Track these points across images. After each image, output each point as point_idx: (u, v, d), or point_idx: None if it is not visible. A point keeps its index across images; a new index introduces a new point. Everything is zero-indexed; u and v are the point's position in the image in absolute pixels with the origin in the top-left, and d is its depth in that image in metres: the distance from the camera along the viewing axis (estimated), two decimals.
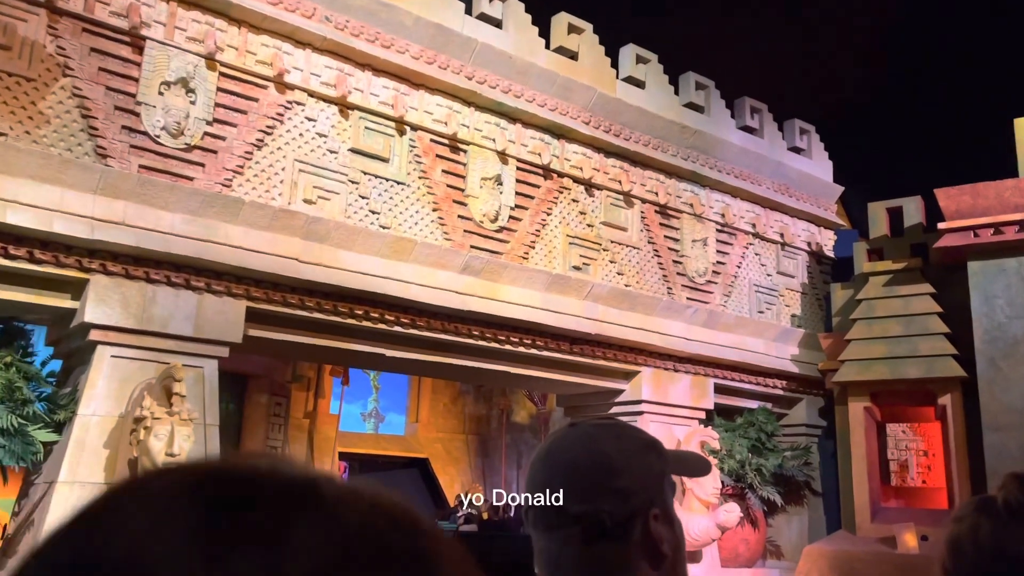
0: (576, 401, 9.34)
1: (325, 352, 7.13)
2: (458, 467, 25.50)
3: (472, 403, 26.42)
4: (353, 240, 6.77)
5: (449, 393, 26.23)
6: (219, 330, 6.22)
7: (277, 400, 20.85)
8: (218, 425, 6.24)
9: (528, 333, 7.81)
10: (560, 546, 1.07)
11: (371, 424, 25.97)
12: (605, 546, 1.05)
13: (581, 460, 1.09)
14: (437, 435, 25.85)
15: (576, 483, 1.08)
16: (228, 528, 0.35)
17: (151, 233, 5.86)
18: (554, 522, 1.07)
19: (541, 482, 1.09)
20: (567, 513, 1.06)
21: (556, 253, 8.27)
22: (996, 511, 1.28)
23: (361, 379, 25.26)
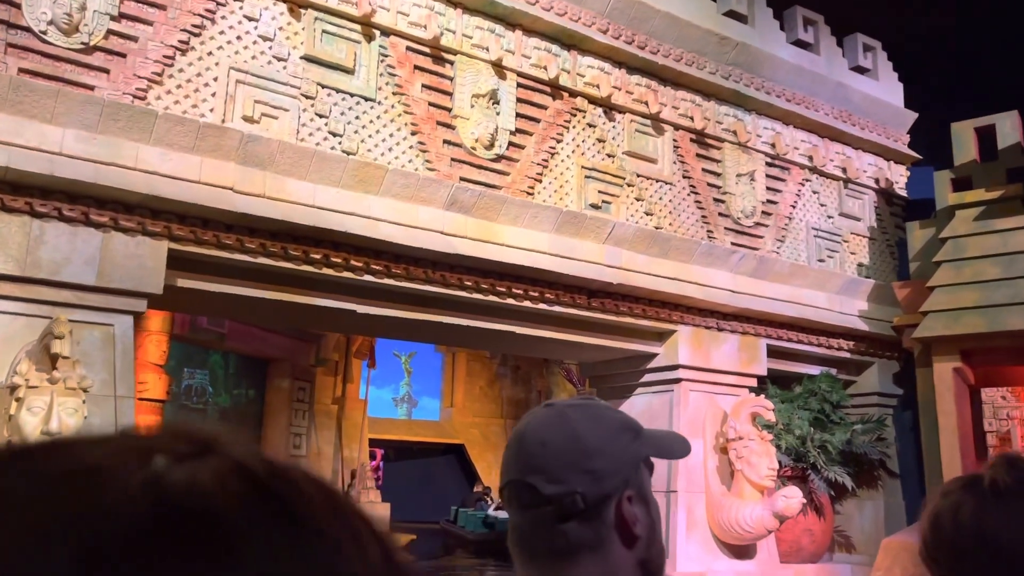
0: (602, 369, 7.89)
1: (277, 309, 5.80)
2: (496, 453, 24.21)
3: (510, 386, 25.09)
4: (304, 166, 5.42)
5: (485, 376, 24.94)
6: (132, 278, 4.93)
7: (300, 385, 19.80)
8: (133, 397, 4.96)
9: (534, 284, 6.38)
10: (533, 525, 1.08)
11: (404, 409, 24.81)
12: (577, 526, 1.06)
13: (555, 441, 1.09)
14: (473, 420, 24.59)
15: (550, 464, 1.07)
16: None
17: (31, 153, 4.59)
18: (528, 502, 1.07)
19: (515, 462, 1.10)
20: (540, 493, 1.06)
21: (569, 188, 6.82)
22: (981, 490, 1.26)
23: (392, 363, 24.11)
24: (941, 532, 1.29)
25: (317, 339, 20.31)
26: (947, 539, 1.27)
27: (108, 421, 4.80)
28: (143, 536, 0.31)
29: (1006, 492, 1.25)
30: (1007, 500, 1.24)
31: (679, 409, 7.11)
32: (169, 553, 0.31)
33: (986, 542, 1.22)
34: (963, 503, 1.27)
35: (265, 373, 19.70)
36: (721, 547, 6.92)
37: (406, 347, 23.86)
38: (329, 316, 6.00)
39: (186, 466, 0.34)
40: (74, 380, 4.37)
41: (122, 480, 0.33)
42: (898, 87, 9.11)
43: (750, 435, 6.81)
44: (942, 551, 1.29)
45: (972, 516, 1.25)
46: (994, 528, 1.22)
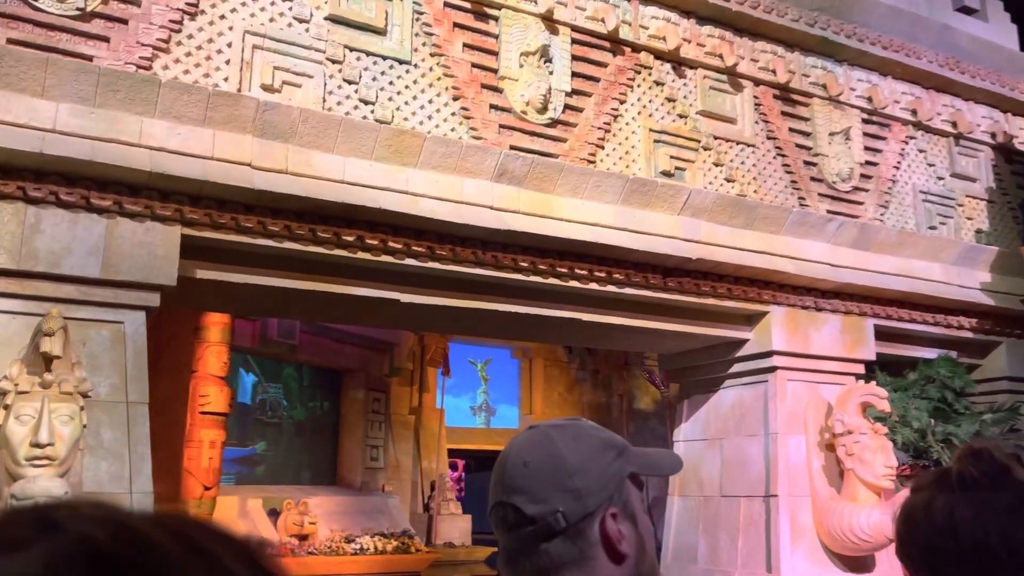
0: (684, 361, 7.03)
1: (310, 300, 5.17)
2: None
3: (590, 391, 24.20)
4: (330, 136, 4.79)
5: (564, 381, 24.11)
6: (142, 268, 4.38)
7: (375, 396, 19.39)
8: (147, 403, 4.40)
9: (600, 263, 5.60)
10: (519, 545, 1.08)
11: (482, 418, 24.16)
12: (560, 544, 1.07)
13: (537, 461, 1.10)
14: None
15: (532, 484, 1.08)
16: None
17: (20, 131, 4.08)
18: (512, 523, 1.08)
19: (499, 485, 1.10)
20: (524, 514, 1.07)
21: (636, 155, 6.02)
22: (950, 485, 1.25)
23: (468, 371, 23.54)
24: (914, 529, 1.28)
25: (390, 348, 19.88)
26: (921, 536, 1.27)
27: (120, 431, 4.24)
28: None
29: (973, 485, 1.24)
30: (975, 493, 1.23)
31: (775, 402, 6.21)
32: None
33: (958, 537, 1.21)
34: (934, 499, 1.26)
35: (339, 385, 19.38)
36: (832, 559, 5.97)
37: (481, 354, 23.26)
38: (368, 308, 5.34)
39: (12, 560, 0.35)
40: (70, 384, 3.82)
41: None
42: (1011, 29, 7.98)
43: (861, 428, 5.86)
44: (916, 548, 1.28)
45: (943, 511, 1.23)
46: (965, 523, 1.20)
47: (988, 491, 1.22)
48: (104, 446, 4.19)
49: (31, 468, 3.58)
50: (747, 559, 6.08)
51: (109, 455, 4.19)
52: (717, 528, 6.36)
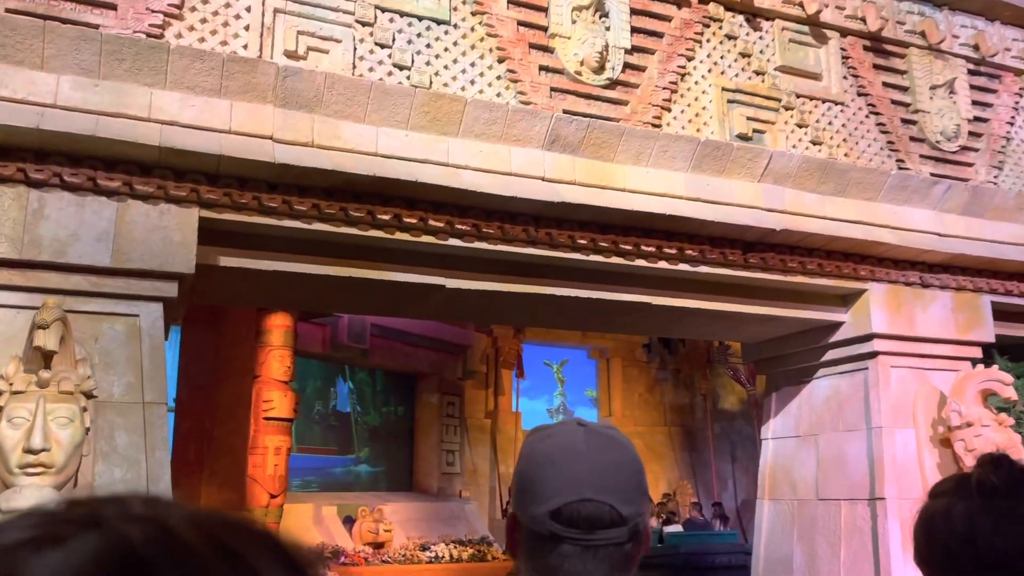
0: (770, 350, 6.31)
1: (346, 289, 4.68)
2: (662, 463, 22.44)
3: (671, 391, 23.28)
4: (360, 103, 4.31)
5: (644, 382, 23.26)
6: (156, 255, 3.97)
7: (449, 400, 19.02)
8: (165, 403, 3.98)
9: (670, 238, 4.97)
10: (604, 543, 1.07)
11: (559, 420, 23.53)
12: (632, 547, 1.09)
13: (624, 461, 1.11)
14: (635, 429, 22.90)
15: (624, 485, 1.09)
16: None
17: (17, 106, 3.72)
18: (606, 522, 1.07)
19: (589, 481, 1.07)
20: (620, 514, 1.07)
21: (707, 117, 5.36)
22: (970, 492, 1.26)
23: (543, 372, 22.98)
24: (933, 535, 1.28)
25: (463, 351, 19.49)
26: (940, 542, 1.26)
27: (136, 434, 3.84)
28: None
29: (994, 493, 1.23)
30: (995, 501, 1.22)
31: (877, 391, 5.44)
32: None
33: (977, 544, 1.19)
34: (954, 505, 1.26)
35: (413, 389, 19.07)
36: None
37: (557, 355, 22.68)
38: (411, 296, 4.83)
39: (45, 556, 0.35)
40: (71, 382, 3.42)
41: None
42: None
43: (983, 420, 5.05)
44: (934, 554, 1.28)
45: (963, 518, 1.22)
46: (984, 530, 1.19)
47: (1008, 499, 1.22)
48: (118, 451, 3.79)
49: (24, 477, 3.19)
50: (851, 570, 5.33)
51: (124, 461, 3.79)
52: (814, 535, 5.62)
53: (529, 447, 1.18)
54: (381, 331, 16.77)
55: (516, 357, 19.72)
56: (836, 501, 5.53)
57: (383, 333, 16.84)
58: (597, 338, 22.26)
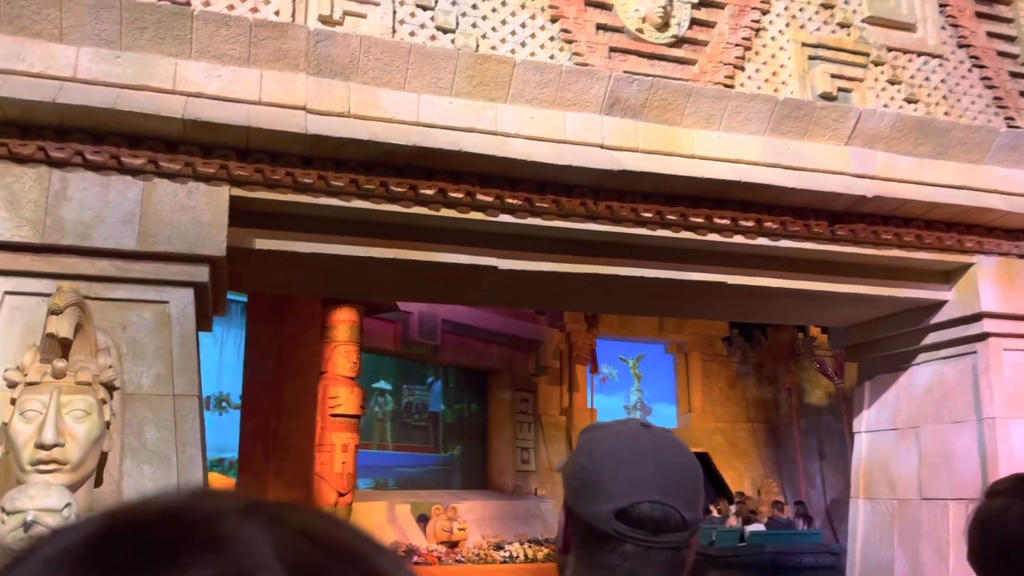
0: (862, 335, 5.72)
1: (393, 272, 4.35)
2: (746, 460, 21.62)
3: (754, 386, 22.41)
4: (399, 69, 3.96)
5: (724, 376, 22.46)
6: (185, 237, 3.71)
7: (523, 396, 18.73)
8: (197, 396, 3.71)
9: (746, 209, 4.47)
10: (658, 549, 1.06)
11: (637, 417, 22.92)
12: (686, 552, 1.07)
13: (688, 466, 1.10)
14: (716, 425, 22.17)
15: (688, 489, 1.08)
16: None
17: (36, 81, 3.50)
18: (670, 525, 1.05)
19: (654, 482, 1.06)
20: (684, 518, 1.06)
21: (786, 74, 4.83)
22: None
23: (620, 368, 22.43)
24: (989, 535, 1.25)
25: (536, 347, 19.13)
26: (994, 542, 1.24)
27: (166, 429, 3.58)
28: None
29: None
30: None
31: (988, 378, 4.81)
32: None
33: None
34: (1011, 505, 1.23)
35: (486, 385, 18.82)
36: None
37: (633, 350, 22.09)
38: (461, 280, 4.47)
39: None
40: (89, 372, 3.17)
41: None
42: None
43: None
44: (989, 554, 1.25)
45: (1018, 518, 1.20)
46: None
47: None
48: (147, 447, 3.54)
49: (37, 474, 2.95)
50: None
51: (154, 457, 3.54)
52: (918, 539, 5.03)
53: (591, 443, 1.14)
54: (452, 327, 16.56)
55: (590, 352, 19.26)
56: (943, 501, 4.92)
57: (454, 329, 16.62)
58: (674, 332, 21.59)
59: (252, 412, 9.37)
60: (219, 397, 9.59)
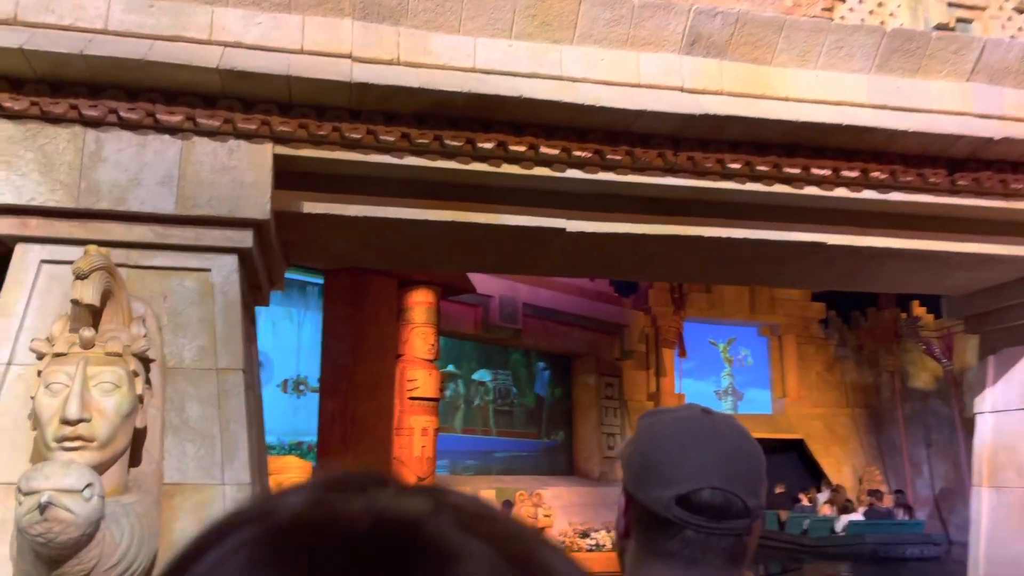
0: (985, 302, 5.06)
1: (451, 237, 3.98)
2: (845, 448, 20.59)
3: (853, 369, 21.30)
4: (454, 10, 3.59)
5: (821, 360, 21.41)
6: (226, 199, 3.44)
7: (608, 381, 18.26)
8: (241, 369, 3.45)
9: (850, 157, 3.93)
10: (719, 536, 1.05)
11: (728, 403, 22.07)
12: (747, 539, 1.06)
13: (750, 452, 1.09)
14: (813, 411, 21.17)
15: (752, 476, 1.07)
16: None
17: (66, 34, 3.28)
18: (732, 512, 1.04)
19: (716, 468, 1.05)
20: (746, 505, 1.05)
21: (894, 4, 4.24)
22: None
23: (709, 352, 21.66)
24: None
25: (620, 330, 18.61)
26: None
27: (209, 405, 3.33)
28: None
29: None
30: None
31: None
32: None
33: None
34: None
35: (570, 370, 18.41)
36: None
37: (723, 333, 21.29)
38: (527, 244, 4.07)
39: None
40: (119, 342, 2.93)
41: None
42: None
43: None
44: None
45: None
46: None
47: None
48: (189, 424, 3.30)
49: (61, 452, 2.72)
50: None
51: (196, 435, 3.29)
52: None
53: (651, 428, 1.12)
54: (534, 310, 16.21)
55: (677, 335, 18.61)
56: None
57: (536, 313, 16.27)
58: (767, 313, 20.68)
59: (330, 395, 9.25)
60: (297, 380, 9.49)
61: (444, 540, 0.32)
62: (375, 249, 4.31)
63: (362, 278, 9.35)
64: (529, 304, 15.98)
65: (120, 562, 2.75)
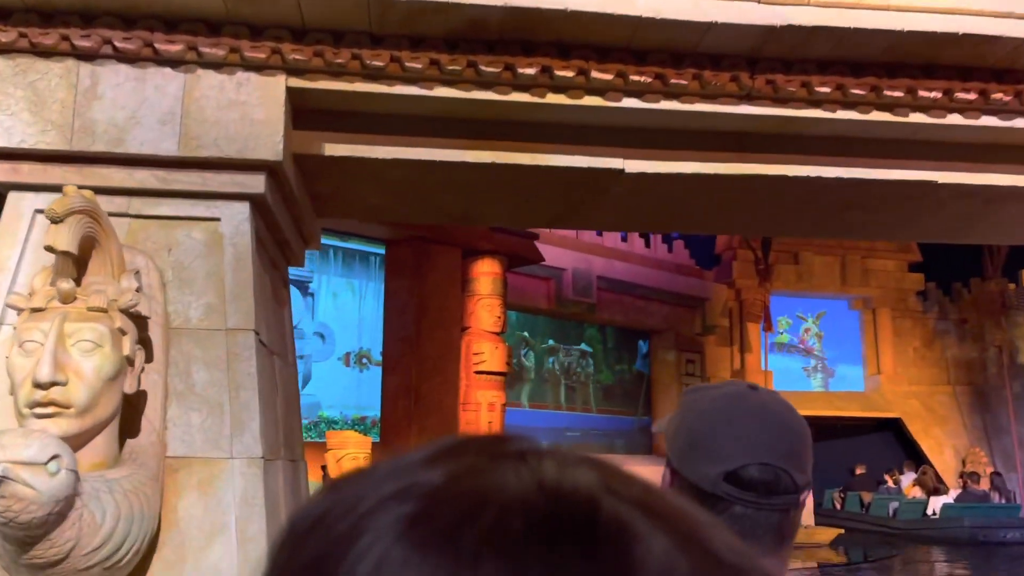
0: None
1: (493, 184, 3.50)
2: (945, 427, 19.34)
3: (954, 344, 19.96)
4: None
5: (919, 334, 20.14)
6: (234, 139, 3.06)
7: (688, 357, 17.59)
8: (253, 330, 3.06)
9: (965, 76, 3.27)
10: (768, 513, 1.04)
11: (818, 380, 21.00)
12: (795, 515, 1.06)
13: (797, 428, 1.08)
14: (910, 388, 19.94)
15: (800, 451, 1.06)
16: None
17: None
18: (781, 488, 1.04)
19: (764, 444, 1.04)
20: (794, 481, 1.04)
21: None
22: None
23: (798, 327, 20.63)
24: None
25: (701, 304, 17.85)
26: None
27: (218, 370, 2.97)
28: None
29: None
30: None
31: None
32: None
33: None
34: None
35: (648, 346, 17.78)
36: None
37: (812, 307, 20.25)
38: (581, 191, 3.55)
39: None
40: (103, 296, 2.57)
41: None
42: None
43: None
44: None
45: None
46: None
47: None
48: (196, 391, 2.95)
49: (34, 419, 2.39)
50: None
51: (203, 403, 2.94)
52: None
53: (696, 403, 1.11)
54: (608, 284, 15.63)
55: (763, 309, 17.70)
56: None
57: (611, 286, 15.69)
58: (859, 285, 19.53)
59: (393, 369, 8.95)
60: (359, 353, 9.22)
61: (621, 518, 0.29)
62: (409, 200, 3.86)
63: (424, 248, 9.00)
64: (604, 277, 15.41)
65: (103, 546, 2.40)
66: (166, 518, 2.82)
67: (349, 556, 0.28)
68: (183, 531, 2.83)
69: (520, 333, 14.65)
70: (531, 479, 0.30)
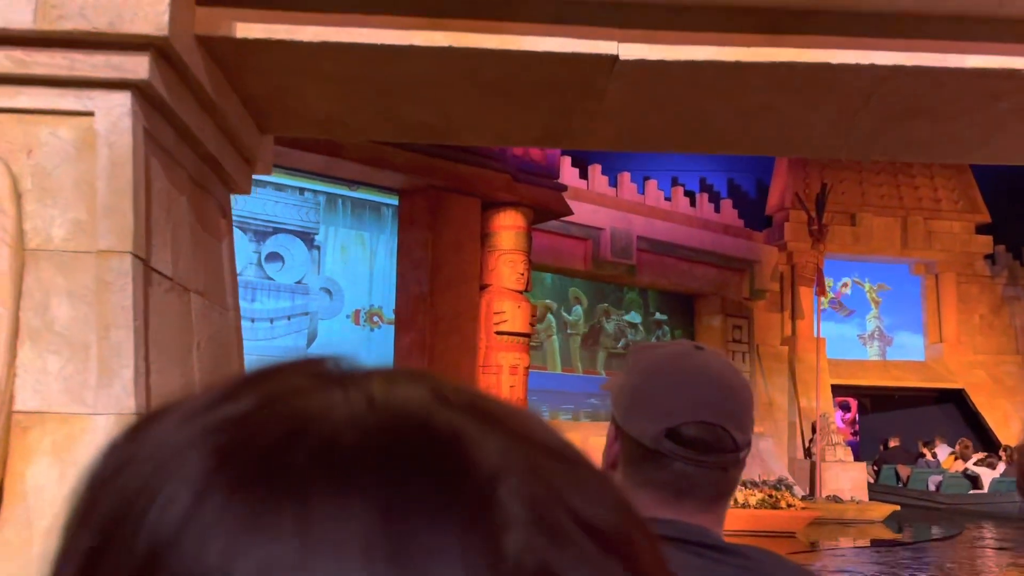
0: None
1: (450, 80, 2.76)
2: (1014, 400, 18.11)
3: None
4: None
5: (986, 301, 18.85)
6: (107, 8, 2.38)
7: (735, 323, 16.70)
8: (132, 253, 2.40)
9: None
10: (707, 470, 1.07)
11: (875, 348, 19.83)
12: (734, 473, 1.09)
13: (739, 387, 1.10)
14: (975, 358, 18.70)
15: (741, 411, 1.09)
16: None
17: None
18: (720, 447, 1.06)
19: (704, 402, 1.06)
20: (734, 439, 1.07)
21: None
22: None
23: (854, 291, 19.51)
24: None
25: (749, 267, 16.86)
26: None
27: (85, 304, 2.33)
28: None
29: None
30: None
31: None
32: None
33: None
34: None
35: (692, 310, 16.90)
36: None
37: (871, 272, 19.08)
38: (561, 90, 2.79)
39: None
40: None
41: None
42: None
43: None
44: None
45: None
46: None
47: None
48: (55, 329, 2.32)
49: None
50: None
51: (64, 345, 2.31)
52: None
53: (641, 362, 1.12)
54: (650, 244, 14.78)
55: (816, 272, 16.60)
56: None
57: (652, 247, 14.83)
58: (921, 248, 18.28)
59: (406, 327, 8.33)
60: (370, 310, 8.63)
61: (453, 424, 0.28)
62: (364, 109, 3.14)
63: (440, 198, 8.33)
64: (644, 237, 14.54)
65: None
66: (10, 490, 2.21)
67: (156, 503, 0.26)
68: (31, 507, 2.22)
69: (574, 289, 14.02)
70: (359, 397, 0.28)
